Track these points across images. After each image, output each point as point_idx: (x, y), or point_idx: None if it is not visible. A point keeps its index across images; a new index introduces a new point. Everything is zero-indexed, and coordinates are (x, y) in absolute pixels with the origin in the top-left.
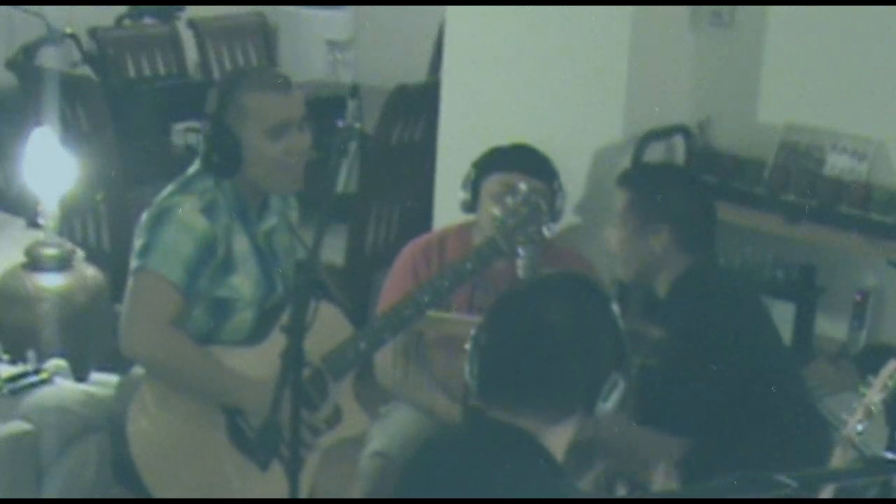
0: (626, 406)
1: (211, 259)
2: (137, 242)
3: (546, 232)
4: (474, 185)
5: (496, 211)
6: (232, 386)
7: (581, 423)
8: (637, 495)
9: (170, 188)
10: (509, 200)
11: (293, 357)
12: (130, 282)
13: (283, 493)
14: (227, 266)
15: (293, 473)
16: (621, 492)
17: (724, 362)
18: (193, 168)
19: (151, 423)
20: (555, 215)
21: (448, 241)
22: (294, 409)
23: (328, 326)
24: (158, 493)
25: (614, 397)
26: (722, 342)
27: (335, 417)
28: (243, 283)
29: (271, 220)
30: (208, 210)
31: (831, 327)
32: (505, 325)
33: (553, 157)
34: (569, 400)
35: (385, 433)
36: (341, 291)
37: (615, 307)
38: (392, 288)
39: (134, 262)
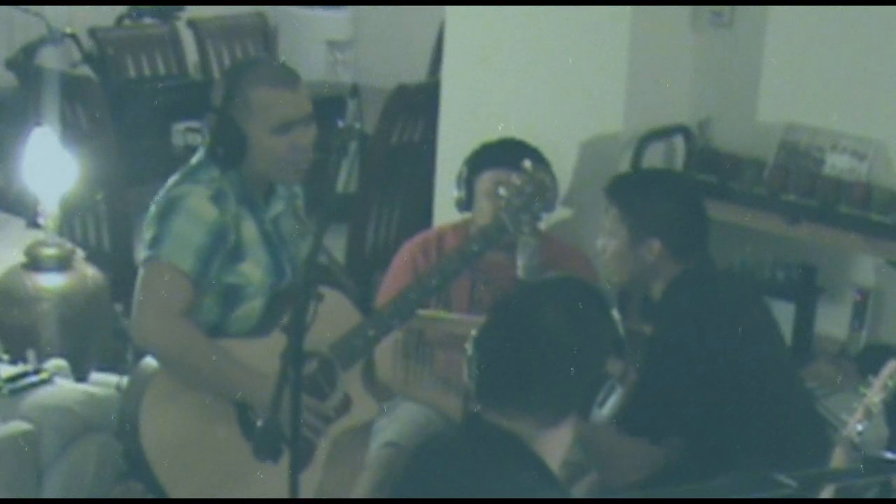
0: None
1: (222, 247)
2: (147, 233)
3: (543, 219)
4: (468, 182)
5: (502, 190)
6: (241, 380)
7: (577, 429)
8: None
9: (175, 178)
10: (515, 180)
11: (293, 357)
12: (141, 272)
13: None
14: (237, 253)
15: (294, 472)
16: None
17: (712, 365)
18: (197, 157)
19: (164, 417)
20: (553, 202)
21: (446, 238)
22: (294, 409)
23: (336, 315)
24: (171, 487)
25: (611, 402)
26: (710, 345)
27: (344, 405)
28: (253, 270)
29: (278, 206)
30: (217, 198)
31: (831, 327)
32: (502, 328)
33: (552, 158)
34: (563, 403)
35: (395, 424)
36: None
37: (615, 312)
38: (391, 284)
39: (144, 253)
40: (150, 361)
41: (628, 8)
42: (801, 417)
